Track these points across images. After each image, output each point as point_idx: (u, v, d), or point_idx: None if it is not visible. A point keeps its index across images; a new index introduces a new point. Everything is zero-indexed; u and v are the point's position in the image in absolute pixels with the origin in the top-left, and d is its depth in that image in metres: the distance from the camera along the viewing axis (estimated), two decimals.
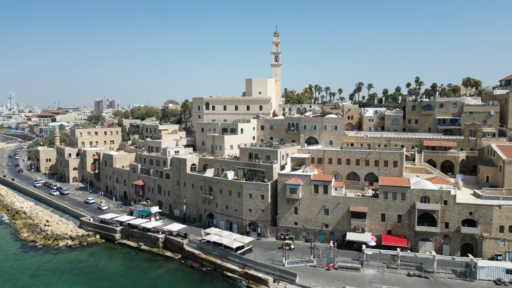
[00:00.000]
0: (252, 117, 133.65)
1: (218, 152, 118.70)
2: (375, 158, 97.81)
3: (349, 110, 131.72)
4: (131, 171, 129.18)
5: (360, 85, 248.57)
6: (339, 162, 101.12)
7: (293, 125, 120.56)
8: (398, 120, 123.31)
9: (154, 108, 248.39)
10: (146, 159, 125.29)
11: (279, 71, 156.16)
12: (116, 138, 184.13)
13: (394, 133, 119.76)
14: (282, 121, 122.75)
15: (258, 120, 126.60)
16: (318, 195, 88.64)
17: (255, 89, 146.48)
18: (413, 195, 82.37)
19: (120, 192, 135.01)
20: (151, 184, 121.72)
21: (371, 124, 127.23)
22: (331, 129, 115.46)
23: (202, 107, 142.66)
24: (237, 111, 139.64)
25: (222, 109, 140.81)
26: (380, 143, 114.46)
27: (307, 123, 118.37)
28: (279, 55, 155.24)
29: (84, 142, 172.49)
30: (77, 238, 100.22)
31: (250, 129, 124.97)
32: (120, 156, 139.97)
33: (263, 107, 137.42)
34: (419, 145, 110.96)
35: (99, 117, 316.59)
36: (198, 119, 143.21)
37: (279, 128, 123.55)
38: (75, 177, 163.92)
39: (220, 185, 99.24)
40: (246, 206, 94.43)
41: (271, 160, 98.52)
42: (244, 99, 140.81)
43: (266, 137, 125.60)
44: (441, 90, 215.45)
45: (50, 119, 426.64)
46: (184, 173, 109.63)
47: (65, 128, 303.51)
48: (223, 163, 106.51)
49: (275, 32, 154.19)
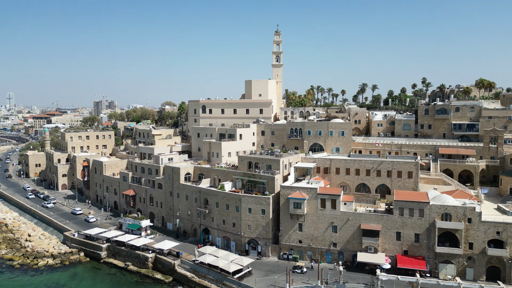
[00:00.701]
0: (252, 121, 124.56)
1: (214, 160, 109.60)
2: (387, 168, 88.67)
3: (356, 114, 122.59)
4: (122, 179, 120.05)
5: (364, 86, 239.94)
6: (347, 172, 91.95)
7: (296, 131, 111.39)
8: (409, 125, 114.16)
9: (149, 111, 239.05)
10: (137, 167, 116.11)
11: (281, 72, 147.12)
12: (109, 142, 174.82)
13: (406, 139, 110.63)
14: (284, 126, 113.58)
15: (258, 125, 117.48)
16: (325, 210, 79.53)
17: (255, 91, 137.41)
18: (433, 211, 73.22)
19: (111, 201, 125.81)
20: (142, 194, 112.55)
21: (380, 129, 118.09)
22: (338, 135, 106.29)
23: (198, 110, 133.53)
24: (235, 114, 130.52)
25: (219, 112, 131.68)
26: (391, 150, 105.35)
27: (311, 128, 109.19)
28: (280, 55, 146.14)
29: (75, 147, 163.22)
30: (59, 256, 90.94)
31: (250, 135, 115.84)
32: (110, 163, 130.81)
33: (263, 110, 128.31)
34: (434, 152, 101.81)
35: (95, 119, 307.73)
36: (194, 123, 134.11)
37: (281, 134, 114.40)
38: (64, 184, 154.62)
39: (217, 198, 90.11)
40: (245, 222, 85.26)
41: (273, 170, 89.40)
42: (243, 102, 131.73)
43: (267, 143, 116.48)
44: (450, 91, 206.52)
45: (46, 120, 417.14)
46: (178, 183, 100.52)
47: (60, 131, 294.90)
48: (220, 172, 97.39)
49: (276, 31, 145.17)
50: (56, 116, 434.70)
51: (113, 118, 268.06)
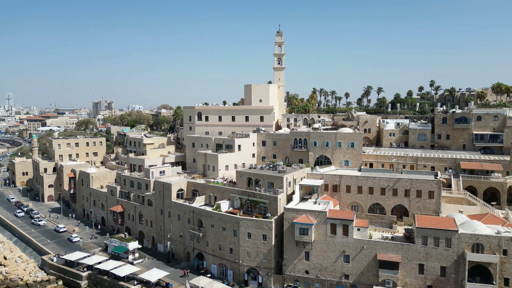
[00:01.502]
0: (252, 130, 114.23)
1: (210, 174, 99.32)
2: (405, 187, 78.36)
3: (365, 122, 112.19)
4: (109, 193, 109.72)
5: (369, 88, 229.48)
6: (359, 191, 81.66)
7: (301, 141, 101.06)
8: (425, 135, 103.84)
9: (144, 115, 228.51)
10: (126, 180, 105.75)
11: (283, 75, 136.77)
12: (100, 149, 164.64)
13: (421, 151, 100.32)
14: (288, 136, 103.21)
15: (259, 135, 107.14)
16: (336, 237, 69.22)
17: (255, 97, 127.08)
18: (462, 241, 62.91)
19: (98, 217, 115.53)
20: (131, 211, 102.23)
21: (392, 139, 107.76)
22: (347, 147, 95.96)
23: (193, 117, 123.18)
24: (234, 122, 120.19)
25: (216, 120, 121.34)
26: (405, 164, 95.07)
27: (317, 139, 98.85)
28: (282, 57, 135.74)
29: (62, 155, 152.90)
30: (34, 285, 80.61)
31: (249, 145, 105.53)
32: (98, 174, 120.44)
33: (264, 117, 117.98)
34: (454, 167, 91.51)
35: (89, 122, 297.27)
36: (189, 131, 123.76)
37: (283, 145, 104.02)
38: (50, 196, 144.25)
39: (212, 220, 79.81)
40: (243, 248, 74.97)
41: (275, 188, 79.11)
42: (242, 109, 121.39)
43: (268, 155, 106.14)
44: (460, 95, 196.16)
45: (40, 123, 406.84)
46: (169, 200, 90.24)
47: (53, 134, 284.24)
48: (216, 189, 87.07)
49: (278, 31, 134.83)
50: (51, 118, 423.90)
51: (108, 122, 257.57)
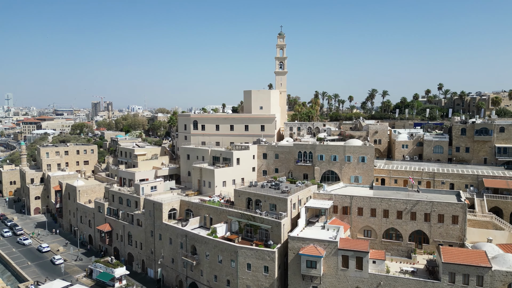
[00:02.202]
0: (252, 140, 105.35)
1: (206, 190, 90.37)
2: (424, 210, 69.41)
3: (376, 132, 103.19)
4: (97, 210, 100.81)
5: (374, 92, 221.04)
6: (372, 214, 72.70)
7: (305, 155, 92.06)
8: (441, 147, 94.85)
9: (139, 119, 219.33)
10: (115, 196, 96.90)
11: (285, 80, 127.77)
12: (91, 158, 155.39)
13: (438, 165, 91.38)
14: (291, 149, 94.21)
15: (260, 146, 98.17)
16: (349, 271, 60.34)
17: (255, 104, 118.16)
18: (496, 279, 54.07)
19: (85, 235, 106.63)
20: (119, 231, 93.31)
21: (405, 151, 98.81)
22: (357, 162, 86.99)
23: (189, 126, 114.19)
24: (232, 131, 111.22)
25: (214, 129, 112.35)
26: (421, 180, 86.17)
27: (324, 152, 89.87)
28: (284, 60, 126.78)
29: (51, 164, 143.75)
30: None
31: (249, 158, 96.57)
32: (86, 188, 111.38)
33: (265, 127, 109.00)
34: (476, 184, 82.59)
35: (84, 126, 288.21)
36: (184, 141, 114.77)
37: (286, 158, 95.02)
38: (37, 208, 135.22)
39: (207, 246, 70.87)
40: (242, 281, 66.06)
41: (278, 211, 70.18)
42: (241, 117, 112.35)
43: (270, 169, 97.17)
44: (470, 99, 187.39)
45: (36, 125, 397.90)
46: (160, 221, 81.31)
47: (48, 138, 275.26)
48: (212, 210, 78.11)
49: (280, 33, 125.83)
50: (47, 121, 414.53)
51: (102, 126, 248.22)
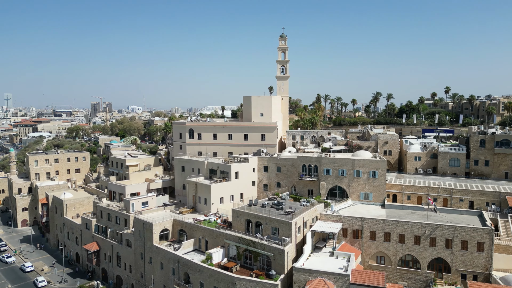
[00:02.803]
0: (252, 151, 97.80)
1: (202, 208, 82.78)
2: (446, 236, 61.81)
3: (386, 143, 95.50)
4: (84, 226, 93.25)
5: (378, 95, 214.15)
6: (386, 238, 65.09)
7: (310, 168, 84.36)
8: (458, 160, 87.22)
9: (135, 124, 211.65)
10: (103, 212, 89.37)
11: (287, 85, 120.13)
12: (83, 165, 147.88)
13: (455, 180, 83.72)
14: (294, 162, 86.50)
15: (260, 158, 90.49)
16: None
17: (255, 110, 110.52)
18: None
19: (72, 253, 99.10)
20: (107, 251, 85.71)
21: (418, 163, 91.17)
22: (367, 177, 79.31)
23: (184, 134, 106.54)
24: (231, 141, 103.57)
25: (210, 138, 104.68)
26: (437, 196, 78.54)
27: (330, 166, 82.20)
28: (286, 64, 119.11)
29: (39, 173, 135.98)
30: None
31: (249, 171, 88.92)
32: (74, 201, 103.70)
33: (266, 136, 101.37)
34: (498, 202, 74.97)
35: (79, 130, 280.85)
36: (180, 151, 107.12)
37: (289, 171, 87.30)
38: (24, 220, 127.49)
39: (201, 275, 63.25)
40: None
41: (281, 236, 62.61)
42: (240, 125, 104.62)
43: (271, 183, 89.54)
44: (480, 104, 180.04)
45: (32, 128, 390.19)
46: (150, 243, 73.78)
47: (43, 142, 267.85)
48: (208, 232, 70.52)
49: (282, 35, 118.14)
50: (43, 123, 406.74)
51: (97, 130, 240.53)
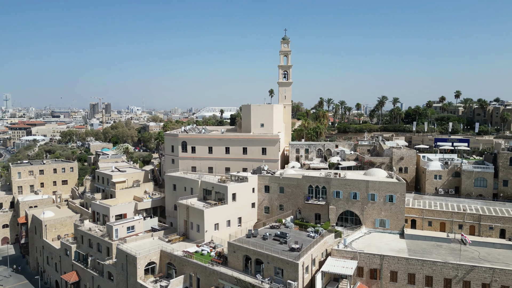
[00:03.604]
0: (251, 167, 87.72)
1: (194, 235, 72.75)
2: (482, 279, 51.87)
3: (401, 159, 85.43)
4: (63, 252, 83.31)
5: (384, 99, 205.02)
6: (410, 280, 55.14)
7: (318, 190, 74.28)
8: (485, 180, 77.25)
9: (128, 131, 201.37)
10: (84, 238, 79.48)
11: (290, 92, 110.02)
12: (70, 177, 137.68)
13: (482, 203, 73.67)
14: (300, 182, 76.39)
15: (261, 177, 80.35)
16: None
17: (255, 120, 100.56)
18: None
19: (52, 280, 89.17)
20: (88, 283, 75.74)
21: (439, 182, 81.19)
22: (383, 201, 69.31)
23: (177, 147, 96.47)
24: (228, 155, 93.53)
25: (206, 151, 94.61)
26: (463, 223, 68.61)
27: (341, 187, 72.17)
28: (289, 69, 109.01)
29: (23, 186, 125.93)
30: None
31: (248, 192, 78.81)
32: (54, 222, 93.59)
33: (267, 150, 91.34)
34: None
35: (72, 134, 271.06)
36: (172, 165, 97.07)
37: (294, 192, 77.16)
38: (5, 238, 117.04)
39: None
40: None
41: (286, 278, 52.69)
42: (238, 138, 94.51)
43: (273, 206, 79.43)
44: (493, 109, 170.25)
45: (25, 131, 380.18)
46: (134, 279, 63.85)
47: (36, 147, 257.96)
48: (200, 269, 60.53)
49: (284, 38, 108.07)
50: (38, 126, 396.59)
51: (90, 135, 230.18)
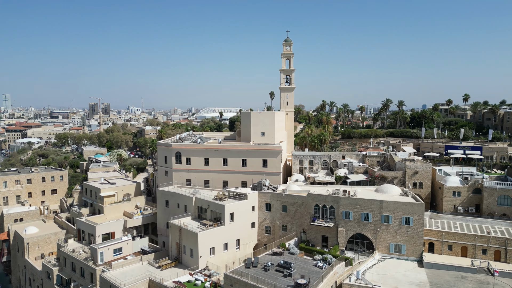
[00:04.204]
0: (251, 180, 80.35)
1: (187, 261, 65.34)
2: None
3: (415, 173, 77.96)
4: (45, 275, 75.97)
5: (388, 102, 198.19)
6: None
7: (325, 210, 66.89)
8: (509, 198, 69.81)
9: (123, 137, 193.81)
10: (67, 260, 72.15)
11: (292, 97, 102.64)
12: (60, 186, 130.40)
13: (507, 224, 66.32)
14: (304, 200, 68.96)
15: (261, 194, 72.88)
16: None
17: (255, 129, 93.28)
18: None
19: None
20: None
21: (457, 200, 73.77)
22: (399, 223, 61.92)
23: (170, 158, 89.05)
24: (226, 167, 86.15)
25: (201, 163, 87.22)
26: (487, 247, 61.33)
27: (351, 208, 64.78)
28: (292, 73, 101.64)
29: (8, 196, 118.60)
30: None
31: (247, 211, 71.36)
32: (38, 239, 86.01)
33: (268, 162, 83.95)
34: None
35: (67, 137, 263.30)
36: (165, 177, 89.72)
37: (298, 211, 69.68)
38: None
39: None
40: None
41: None
42: (237, 149, 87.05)
43: (275, 226, 71.98)
44: (505, 114, 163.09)
45: (21, 133, 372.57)
46: None
47: (31, 150, 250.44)
48: None
49: (286, 40, 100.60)
50: (33, 128, 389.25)
51: (84, 139, 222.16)
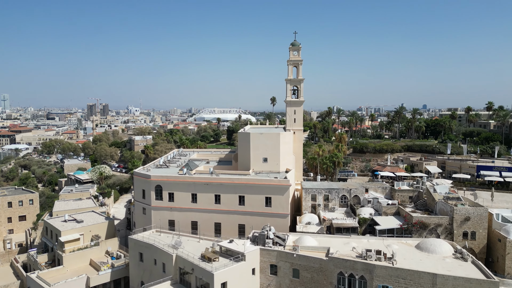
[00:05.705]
0: (250, 223, 62.03)
1: None
2: None
3: (466, 219, 59.07)
4: None
5: (401, 110, 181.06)
6: None
7: (353, 281, 48.46)
8: None
9: (109, 150, 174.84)
10: None
11: (301, 113, 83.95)
12: (30, 211, 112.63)
13: None
14: (324, 265, 50.28)
15: (264, 252, 54.30)
16: None
17: (256, 153, 74.91)
18: None
19: None
20: None
21: None
22: None
23: (149, 193, 70.49)
24: (218, 205, 67.77)
25: (188, 199, 68.77)
26: None
27: (391, 281, 45.80)
28: (300, 84, 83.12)
29: None
30: None
31: (245, 276, 52.89)
32: None
33: (273, 200, 65.47)
34: None
35: (52, 147, 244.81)
36: (143, 217, 71.35)
37: (314, 279, 51.05)
38: None
39: None
40: None
41: None
42: (233, 183, 68.44)
43: None
44: None
45: (9, 139, 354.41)
46: None
47: (14, 159, 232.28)
48: None
49: (294, 43, 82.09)
50: (23, 133, 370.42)
51: (68, 151, 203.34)
